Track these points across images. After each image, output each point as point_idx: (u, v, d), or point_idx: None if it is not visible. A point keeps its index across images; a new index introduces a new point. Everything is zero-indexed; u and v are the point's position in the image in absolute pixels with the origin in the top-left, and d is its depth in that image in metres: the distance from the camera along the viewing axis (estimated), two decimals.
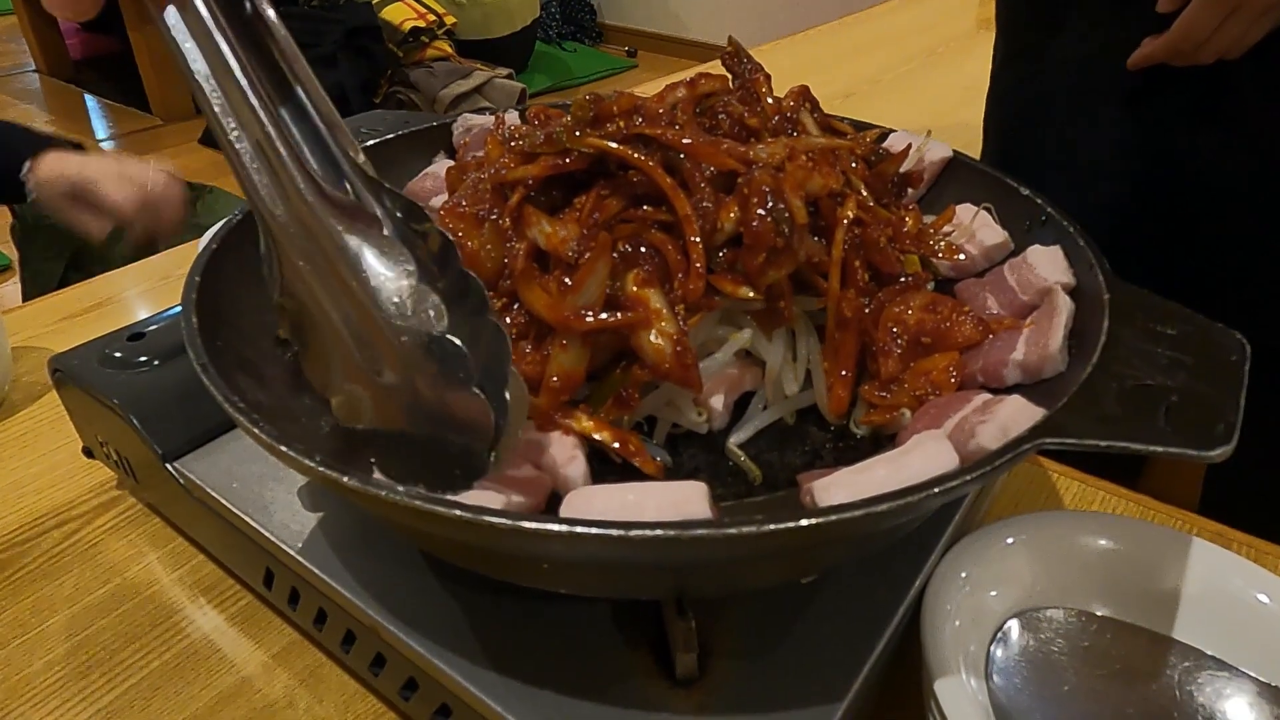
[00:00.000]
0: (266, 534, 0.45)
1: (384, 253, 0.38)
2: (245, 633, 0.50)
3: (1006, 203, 0.54)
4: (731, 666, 0.39)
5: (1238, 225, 0.72)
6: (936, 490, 0.31)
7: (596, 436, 0.41)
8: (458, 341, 0.36)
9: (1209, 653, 0.41)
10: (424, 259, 0.38)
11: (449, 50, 3.05)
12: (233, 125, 0.37)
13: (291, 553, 0.44)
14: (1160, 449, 0.33)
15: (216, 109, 0.37)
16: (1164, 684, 0.40)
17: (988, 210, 0.55)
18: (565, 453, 0.40)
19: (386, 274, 0.38)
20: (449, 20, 3.09)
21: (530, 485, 0.38)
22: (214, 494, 0.48)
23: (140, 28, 2.96)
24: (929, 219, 0.55)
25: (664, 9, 4.08)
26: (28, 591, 0.52)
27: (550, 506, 0.39)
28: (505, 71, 3.08)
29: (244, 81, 0.37)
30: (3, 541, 0.56)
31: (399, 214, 0.38)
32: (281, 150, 0.37)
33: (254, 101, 0.37)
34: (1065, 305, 0.44)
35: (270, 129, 0.37)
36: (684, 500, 0.34)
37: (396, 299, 0.37)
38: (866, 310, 0.45)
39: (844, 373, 0.45)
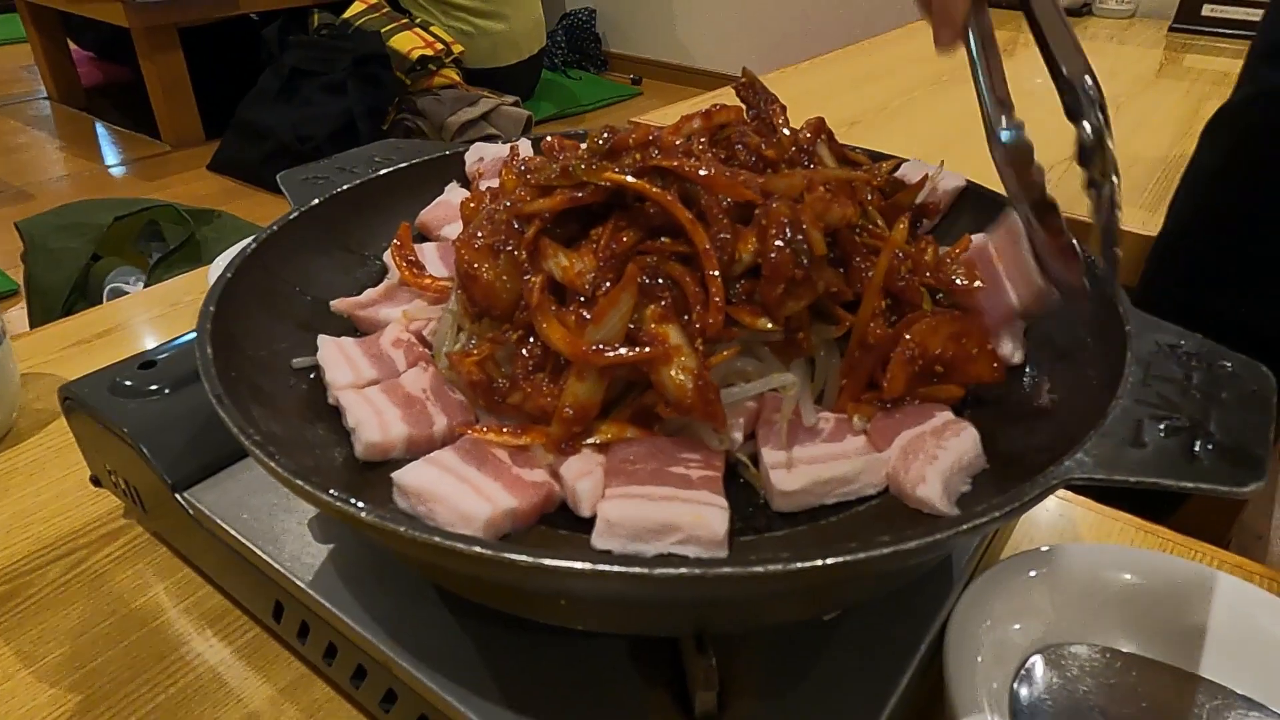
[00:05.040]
0: (277, 566, 0.45)
1: None
2: (253, 666, 0.49)
3: None
4: (751, 705, 0.38)
5: None
6: (965, 527, 0.30)
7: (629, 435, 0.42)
8: None
9: (1238, 691, 0.40)
10: None
11: (456, 78, 3.08)
12: None
13: (302, 585, 0.44)
14: (1191, 485, 0.32)
15: None
16: None
17: None
18: (582, 467, 0.40)
19: None
20: (456, 49, 3.12)
21: (529, 489, 0.39)
22: (224, 524, 0.47)
23: (151, 56, 2.99)
24: (943, 249, 0.54)
25: (669, 38, 4.11)
26: (33, 622, 0.52)
27: (547, 519, 0.40)
28: (512, 99, 3.11)
29: None
30: (9, 570, 0.55)
31: None
32: None
33: None
34: (1016, 224, 0.45)
35: None
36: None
37: None
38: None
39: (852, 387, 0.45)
